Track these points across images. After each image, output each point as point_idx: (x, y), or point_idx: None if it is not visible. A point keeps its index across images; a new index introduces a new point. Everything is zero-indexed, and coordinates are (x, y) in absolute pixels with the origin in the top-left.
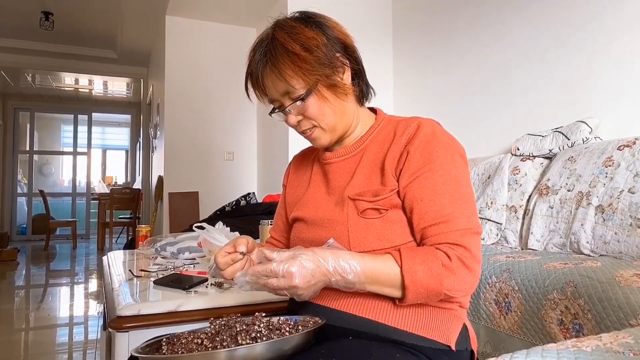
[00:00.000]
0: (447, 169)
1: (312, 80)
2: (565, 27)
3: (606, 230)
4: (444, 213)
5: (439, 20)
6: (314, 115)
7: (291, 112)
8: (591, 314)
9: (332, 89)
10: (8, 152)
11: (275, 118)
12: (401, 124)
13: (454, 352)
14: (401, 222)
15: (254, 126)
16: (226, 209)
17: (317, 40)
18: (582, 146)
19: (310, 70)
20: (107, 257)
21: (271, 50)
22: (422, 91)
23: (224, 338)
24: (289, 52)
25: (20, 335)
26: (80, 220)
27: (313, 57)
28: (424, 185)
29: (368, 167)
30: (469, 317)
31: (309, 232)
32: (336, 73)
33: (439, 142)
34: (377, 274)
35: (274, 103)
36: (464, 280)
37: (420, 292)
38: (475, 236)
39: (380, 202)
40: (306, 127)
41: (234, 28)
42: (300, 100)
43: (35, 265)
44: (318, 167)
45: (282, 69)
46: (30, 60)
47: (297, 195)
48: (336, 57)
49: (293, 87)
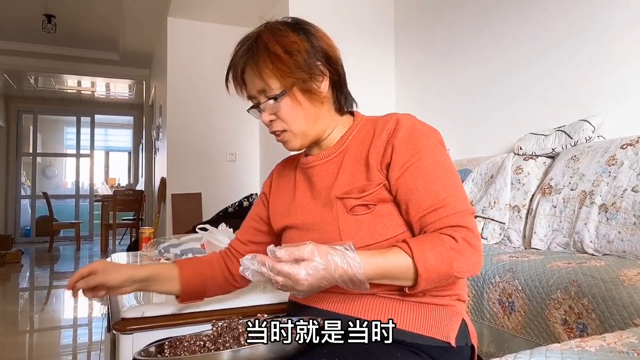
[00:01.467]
0: (434, 157)
1: (288, 83)
2: (568, 25)
3: (610, 229)
4: (440, 198)
5: (440, 18)
6: (286, 117)
7: (265, 110)
8: (595, 313)
9: (307, 94)
10: (12, 154)
11: (252, 115)
12: (380, 121)
13: (455, 349)
14: (390, 216)
15: (256, 127)
16: (229, 210)
17: (299, 46)
18: (585, 145)
19: (287, 72)
20: (111, 258)
21: (254, 48)
22: (424, 90)
23: (226, 339)
24: (269, 52)
25: (24, 337)
26: (83, 222)
27: (292, 60)
28: (416, 175)
29: (351, 165)
30: (472, 316)
31: (300, 238)
32: (313, 80)
33: (421, 132)
34: (388, 270)
35: (252, 100)
36: (471, 260)
37: (432, 278)
38: (472, 216)
39: (368, 197)
40: (277, 129)
41: (236, 29)
42: (273, 99)
43: (39, 267)
44: (300, 173)
45: (261, 67)
46: (33, 62)
47: (283, 204)
48: (316, 65)
49: (269, 86)
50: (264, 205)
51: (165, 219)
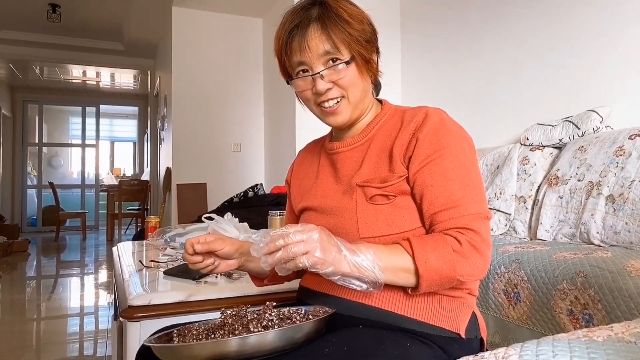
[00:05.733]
0: (457, 156)
1: (355, 49)
2: (575, 16)
3: (617, 220)
4: (454, 198)
5: (447, 10)
6: (348, 84)
7: (323, 77)
8: (601, 304)
9: (366, 66)
10: (18, 144)
11: (292, 86)
12: (408, 113)
13: (464, 340)
14: (410, 208)
15: (261, 117)
16: (234, 200)
17: (362, 16)
18: (593, 135)
19: (356, 39)
20: (117, 248)
21: (323, 12)
22: (430, 81)
23: (235, 327)
24: (341, 17)
25: (32, 325)
26: (89, 212)
27: (360, 28)
28: (434, 172)
29: (376, 155)
30: (478, 306)
31: (317, 220)
32: (372, 52)
33: (448, 129)
34: (390, 263)
35: (301, 66)
36: (476, 265)
37: (434, 279)
38: (485, 221)
39: (389, 188)
40: (334, 96)
41: (241, 19)
42: (343, 63)
43: (45, 256)
44: (325, 158)
45: (333, 31)
46: (38, 52)
47: (304, 187)
48: (374, 37)
49: (338, 51)
50: (290, 195)
51: (170, 209)
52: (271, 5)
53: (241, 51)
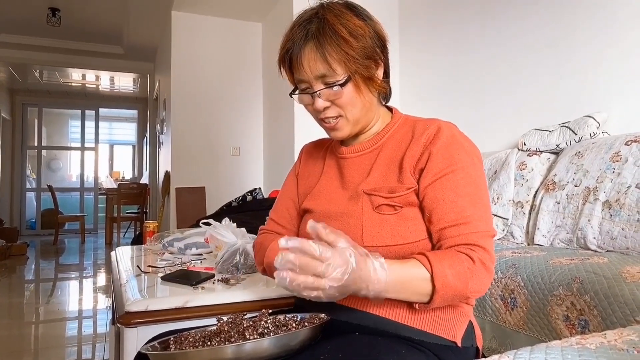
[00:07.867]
0: (468, 172)
1: (352, 69)
2: (572, 21)
3: (613, 226)
4: (464, 215)
5: (445, 13)
6: (345, 104)
7: (321, 96)
8: (597, 310)
9: (366, 82)
10: (17, 147)
11: (295, 100)
12: (419, 124)
13: (460, 349)
14: (415, 220)
15: (260, 121)
16: (233, 204)
17: (363, 30)
18: (590, 141)
19: (354, 58)
20: (116, 252)
21: (320, 29)
22: (428, 86)
23: (231, 334)
24: (337, 35)
25: (30, 328)
26: (88, 215)
27: (359, 45)
28: (446, 187)
29: (385, 165)
30: (475, 312)
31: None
32: (374, 67)
33: (460, 145)
34: (406, 280)
35: (301, 84)
36: (483, 282)
37: (447, 295)
38: (491, 239)
39: (397, 199)
40: (331, 115)
41: (240, 23)
42: (338, 86)
43: (44, 259)
44: (332, 160)
45: (328, 50)
46: (37, 56)
47: (308, 186)
48: (376, 51)
49: (333, 71)
50: (295, 186)
51: (169, 212)
52: (270, 10)
53: (240, 55)
